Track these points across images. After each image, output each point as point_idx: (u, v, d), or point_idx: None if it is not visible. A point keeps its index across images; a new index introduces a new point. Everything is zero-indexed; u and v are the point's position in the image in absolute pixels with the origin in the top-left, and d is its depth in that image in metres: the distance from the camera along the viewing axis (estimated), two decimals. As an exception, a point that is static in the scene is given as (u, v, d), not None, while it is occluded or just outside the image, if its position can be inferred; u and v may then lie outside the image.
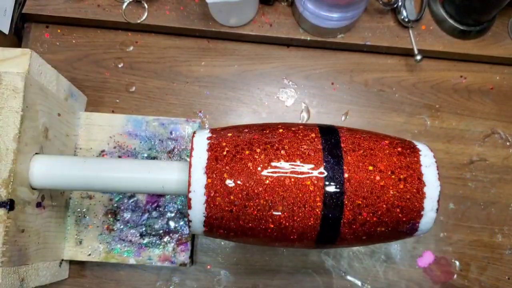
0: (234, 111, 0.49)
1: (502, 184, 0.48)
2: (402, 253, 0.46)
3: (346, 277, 0.45)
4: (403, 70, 0.51)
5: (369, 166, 0.30)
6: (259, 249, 0.45)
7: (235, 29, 0.49)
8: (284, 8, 0.50)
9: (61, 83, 0.42)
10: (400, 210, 0.30)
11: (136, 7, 0.49)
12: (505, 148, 0.49)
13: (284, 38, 0.49)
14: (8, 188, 0.32)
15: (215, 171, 0.30)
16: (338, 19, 0.45)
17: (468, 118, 0.50)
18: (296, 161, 0.30)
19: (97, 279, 0.45)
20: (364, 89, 0.50)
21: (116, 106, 0.49)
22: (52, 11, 0.49)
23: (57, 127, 0.40)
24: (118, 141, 0.45)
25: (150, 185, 0.34)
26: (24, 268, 0.35)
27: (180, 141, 0.45)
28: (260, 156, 0.30)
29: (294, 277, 0.45)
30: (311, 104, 0.49)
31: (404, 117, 0.49)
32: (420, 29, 0.50)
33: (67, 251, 0.43)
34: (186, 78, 0.50)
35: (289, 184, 0.30)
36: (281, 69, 0.50)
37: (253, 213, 0.30)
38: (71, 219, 0.43)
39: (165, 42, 0.50)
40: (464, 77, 0.51)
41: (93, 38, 0.50)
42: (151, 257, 0.43)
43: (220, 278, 0.45)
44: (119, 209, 0.44)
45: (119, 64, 0.50)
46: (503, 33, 0.50)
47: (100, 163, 0.35)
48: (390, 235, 0.32)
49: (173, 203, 0.44)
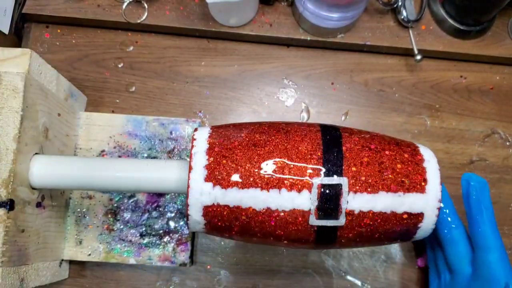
0: (234, 111, 0.49)
1: (502, 184, 0.48)
2: (402, 253, 0.46)
3: (346, 277, 0.45)
4: (403, 70, 0.51)
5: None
6: (259, 249, 0.45)
7: (235, 29, 0.49)
8: (284, 8, 0.50)
9: (61, 83, 0.42)
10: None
11: (136, 7, 0.49)
12: (505, 148, 0.49)
13: (284, 38, 0.49)
14: (8, 188, 0.32)
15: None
16: (338, 19, 0.45)
17: (468, 118, 0.50)
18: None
19: (97, 279, 0.45)
20: (364, 89, 0.50)
21: (116, 106, 0.49)
22: (52, 11, 0.49)
23: (57, 127, 0.40)
24: (118, 141, 0.45)
25: (150, 183, 0.34)
26: (24, 268, 0.35)
27: (180, 141, 0.45)
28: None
29: (294, 277, 0.45)
30: (311, 104, 0.49)
31: (404, 117, 0.49)
32: (420, 29, 0.50)
33: (67, 251, 0.43)
34: (186, 78, 0.50)
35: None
36: (281, 69, 0.50)
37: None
38: (71, 219, 0.43)
39: (165, 42, 0.50)
40: (464, 77, 0.51)
41: (93, 38, 0.50)
42: (151, 257, 0.43)
43: (220, 278, 0.45)
44: (119, 209, 0.44)
45: (119, 64, 0.50)
46: (503, 33, 0.50)
47: (100, 163, 0.35)
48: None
49: (173, 203, 0.44)
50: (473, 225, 0.36)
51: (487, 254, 0.35)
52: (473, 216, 0.36)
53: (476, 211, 0.36)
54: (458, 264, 0.38)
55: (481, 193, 0.36)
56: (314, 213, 0.30)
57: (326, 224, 0.30)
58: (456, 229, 0.38)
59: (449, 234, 0.38)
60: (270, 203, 0.30)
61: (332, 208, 0.30)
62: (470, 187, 0.37)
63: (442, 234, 0.38)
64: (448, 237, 0.38)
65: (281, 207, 0.30)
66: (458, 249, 0.38)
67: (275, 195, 0.30)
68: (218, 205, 0.30)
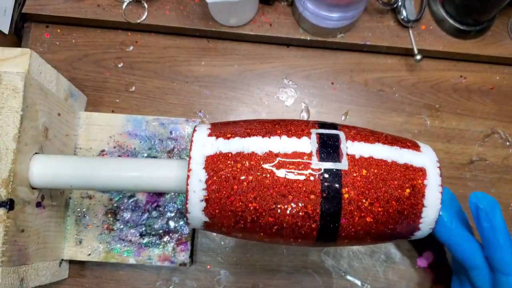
0: (234, 110, 0.49)
1: (502, 184, 0.48)
2: (402, 253, 0.46)
3: (346, 277, 0.45)
4: (403, 70, 0.51)
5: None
6: (259, 249, 0.45)
7: (235, 29, 0.49)
8: (284, 8, 0.50)
9: (61, 83, 0.42)
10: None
11: (136, 7, 0.49)
12: (505, 148, 0.49)
13: (284, 38, 0.49)
14: (8, 188, 0.32)
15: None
16: (338, 19, 0.45)
17: (468, 118, 0.50)
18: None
19: (97, 279, 0.45)
20: (364, 89, 0.50)
21: (116, 106, 0.49)
22: (52, 11, 0.49)
23: (57, 127, 0.40)
24: (118, 141, 0.45)
25: (150, 183, 0.34)
26: (24, 268, 0.35)
27: (180, 140, 0.45)
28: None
29: (294, 277, 0.45)
30: (311, 104, 0.49)
31: (404, 117, 0.49)
32: (420, 29, 0.50)
33: (67, 251, 0.43)
34: (186, 78, 0.50)
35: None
36: (281, 69, 0.50)
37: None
38: (71, 219, 0.43)
39: (165, 42, 0.50)
40: (464, 77, 0.51)
41: (93, 38, 0.50)
42: (151, 257, 0.43)
43: (220, 278, 0.45)
44: (119, 209, 0.44)
45: (119, 64, 0.50)
46: (503, 32, 0.50)
47: (99, 163, 0.35)
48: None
49: (173, 202, 0.44)
50: (489, 249, 0.35)
51: (506, 277, 0.34)
52: (488, 241, 0.35)
53: (491, 236, 0.35)
54: (481, 286, 0.37)
55: (492, 216, 0.35)
56: (316, 155, 0.30)
57: (330, 167, 0.30)
58: (476, 253, 0.36)
59: (470, 259, 0.37)
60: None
61: (333, 151, 0.30)
62: (479, 210, 0.35)
63: (462, 258, 0.37)
64: (468, 262, 0.37)
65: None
66: (480, 273, 0.36)
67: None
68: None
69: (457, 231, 0.36)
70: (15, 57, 0.35)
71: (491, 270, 0.36)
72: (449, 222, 0.36)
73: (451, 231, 0.36)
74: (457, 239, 0.37)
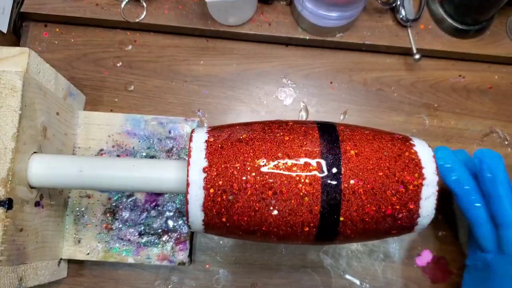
0: (233, 110, 0.49)
1: (501, 183, 0.48)
2: (401, 252, 0.46)
3: (344, 276, 0.45)
4: (402, 69, 0.51)
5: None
6: (258, 248, 0.45)
7: (234, 28, 0.49)
8: (283, 7, 0.50)
9: (59, 82, 0.42)
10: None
11: (134, 6, 0.49)
12: (504, 147, 0.49)
13: (283, 37, 0.49)
14: (7, 187, 0.32)
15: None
16: (337, 18, 0.45)
17: (466, 117, 0.50)
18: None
19: (96, 278, 0.45)
20: (363, 88, 0.50)
21: (114, 105, 0.49)
22: (50, 10, 0.48)
23: (56, 126, 0.40)
24: (117, 140, 0.45)
25: (149, 183, 0.34)
26: (22, 267, 0.35)
27: (179, 140, 0.45)
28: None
29: (293, 276, 0.45)
30: (310, 103, 0.49)
31: (403, 116, 0.49)
32: (419, 28, 0.50)
33: (65, 250, 0.43)
34: (185, 77, 0.50)
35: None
36: (280, 68, 0.50)
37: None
38: (69, 218, 0.43)
39: (164, 41, 0.50)
40: (463, 76, 0.51)
41: (91, 37, 0.50)
42: (149, 256, 0.43)
43: (219, 277, 0.45)
44: (117, 208, 0.44)
45: (117, 63, 0.50)
46: (502, 32, 0.50)
47: (98, 162, 0.35)
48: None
49: (171, 202, 0.44)
50: (492, 204, 0.35)
51: (507, 231, 0.34)
52: (489, 194, 0.35)
53: (491, 189, 0.35)
54: (484, 243, 0.37)
55: (495, 167, 0.35)
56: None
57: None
58: (479, 209, 0.37)
59: (474, 215, 0.37)
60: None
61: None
62: (482, 163, 0.35)
63: (468, 215, 0.37)
64: (473, 218, 0.37)
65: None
66: (482, 230, 0.37)
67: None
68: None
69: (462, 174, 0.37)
70: (13, 56, 0.35)
71: (494, 227, 0.36)
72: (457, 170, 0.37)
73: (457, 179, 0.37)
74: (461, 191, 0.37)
